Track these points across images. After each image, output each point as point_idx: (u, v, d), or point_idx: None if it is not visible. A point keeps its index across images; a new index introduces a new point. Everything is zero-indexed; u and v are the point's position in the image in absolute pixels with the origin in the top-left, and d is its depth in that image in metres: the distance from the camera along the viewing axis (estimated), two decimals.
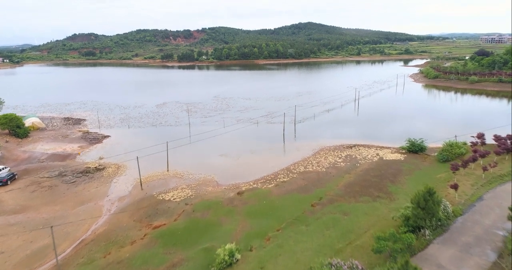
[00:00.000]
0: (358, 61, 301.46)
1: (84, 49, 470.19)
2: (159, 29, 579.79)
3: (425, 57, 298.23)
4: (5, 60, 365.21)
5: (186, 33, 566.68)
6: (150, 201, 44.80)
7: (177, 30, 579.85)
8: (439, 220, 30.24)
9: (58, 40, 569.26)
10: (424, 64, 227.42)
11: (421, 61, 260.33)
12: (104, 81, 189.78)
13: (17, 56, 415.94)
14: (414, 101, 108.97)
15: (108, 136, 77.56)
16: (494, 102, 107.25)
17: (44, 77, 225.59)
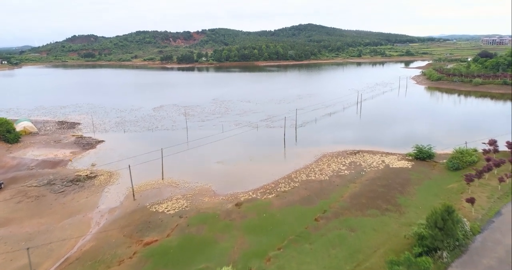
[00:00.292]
0: (359, 63, 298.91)
1: (83, 50, 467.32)
2: (159, 30, 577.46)
3: (426, 59, 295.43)
4: (3, 62, 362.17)
5: (186, 35, 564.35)
6: (143, 213, 41.98)
7: (176, 32, 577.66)
8: (457, 240, 27.44)
9: (57, 41, 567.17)
10: (426, 66, 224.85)
11: (422, 63, 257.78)
12: (101, 83, 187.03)
13: (15, 57, 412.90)
14: (417, 104, 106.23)
15: (102, 141, 74.76)
16: (499, 105, 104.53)
17: (41, 79, 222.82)
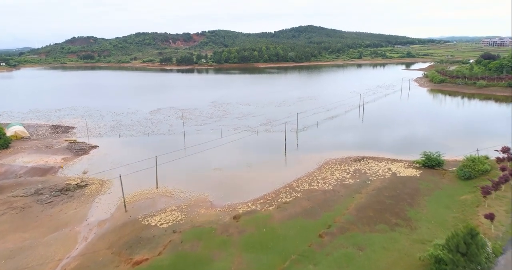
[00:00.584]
0: (360, 65, 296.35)
1: (82, 52, 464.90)
2: (159, 32, 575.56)
3: (427, 61, 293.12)
4: (1, 63, 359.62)
5: (186, 36, 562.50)
6: (134, 227, 39.18)
7: (176, 33, 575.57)
8: (479, 264, 24.63)
9: (57, 43, 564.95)
10: (427, 68, 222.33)
11: (423, 65, 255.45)
12: (99, 85, 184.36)
13: (14, 59, 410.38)
14: (421, 107, 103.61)
15: (96, 146, 71.97)
16: (504, 108, 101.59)
17: (38, 81, 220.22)
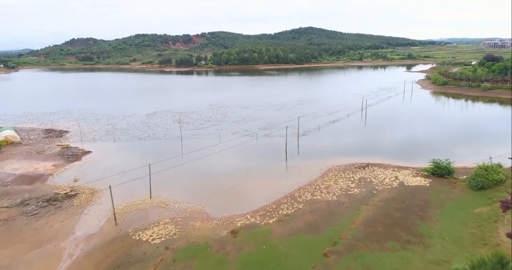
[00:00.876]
0: (360, 67, 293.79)
1: (81, 54, 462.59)
2: (158, 33, 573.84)
3: (428, 63, 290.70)
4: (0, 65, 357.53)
5: (186, 38, 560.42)
6: (124, 242, 36.38)
7: (176, 35, 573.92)
8: None
9: (56, 45, 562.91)
10: (429, 69, 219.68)
11: (424, 67, 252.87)
12: (96, 88, 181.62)
13: (13, 61, 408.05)
14: (424, 110, 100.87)
15: (89, 152, 69.18)
16: (509, 112, 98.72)
17: (35, 83, 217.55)
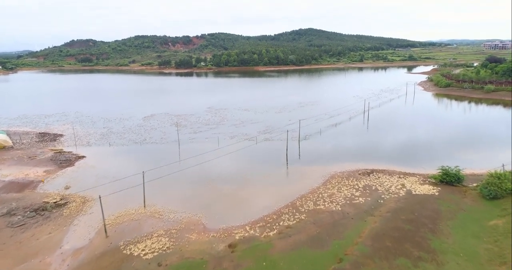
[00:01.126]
0: (361, 68, 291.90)
1: (80, 55, 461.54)
2: (158, 35, 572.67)
3: (429, 64, 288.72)
4: None
5: (185, 39, 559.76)
6: (114, 257, 33.94)
7: (176, 36, 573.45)
8: None
9: (55, 46, 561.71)
10: (431, 71, 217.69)
11: (425, 68, 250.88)
12: (94, 89, 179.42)
13: (11, 62, 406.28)
14: (428, 113, 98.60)
15: (83, 157, 66.76)
16: None
17: (33, 84, 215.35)
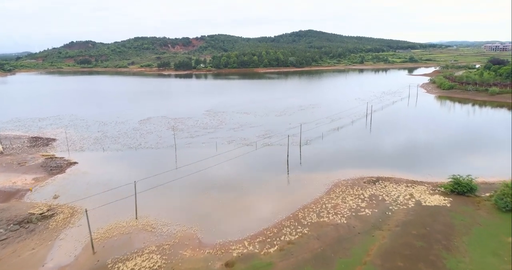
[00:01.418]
0: (361, 70, 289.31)
1: (79, 57, 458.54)
2: (158, 36, 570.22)
3: (430, 66, 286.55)
4: None
5: (185, 41, 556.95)
6: None
7: (175, 38, 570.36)
8: None
9: (54, 48, 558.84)
10: (433, 73, 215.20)
11: (427, 70, 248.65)
12: (92, 92, 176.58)
13: (10, 64, 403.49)
14: (432, 116, 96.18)
15: (75, 163, 63.97)
16: None
17: (30, 86, 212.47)
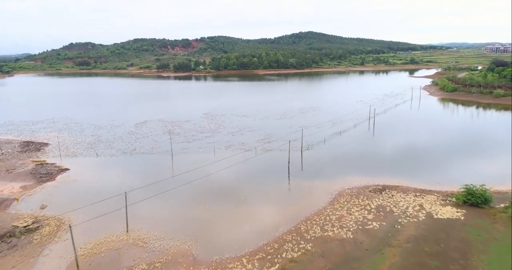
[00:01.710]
0: (362, 72, 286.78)
1: (78, 58, 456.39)
2: (157, 38, 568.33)
3: (431, 67, 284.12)
4: None
5: (185, 42, 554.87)
6: None
7: (175, 39, 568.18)
8: None
9: (54, 49, 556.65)
10: (435, 75, 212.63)
11: (428, 72, 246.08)
12: (89, 94, 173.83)
13: (8, 65, 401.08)
14: (435, 119, 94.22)
15: (66, 169, 61.15)
16: None
17: (27, 88, 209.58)
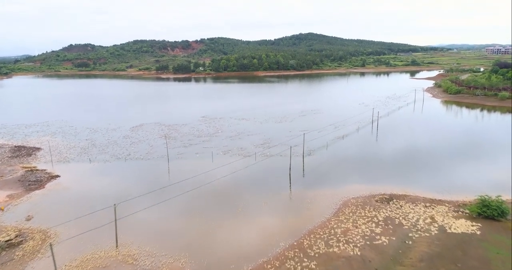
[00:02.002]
0: (363, 73, 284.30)
1: (78, 60, 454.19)
2: (157, 39, 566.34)
3: (433, 69, 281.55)
4: None
5: (185, 44, 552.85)
6: None
7: (175, 41, 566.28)
8: None
9: (53, 51, 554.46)
10: (437, 76, 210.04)
11: (429, 73, 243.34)
12: (87, 96, 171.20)
13: (7, 67, 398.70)
14: (440, 123, 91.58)
15: (56, 176, 58.32)
16: None
17: (25, 90, 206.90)
